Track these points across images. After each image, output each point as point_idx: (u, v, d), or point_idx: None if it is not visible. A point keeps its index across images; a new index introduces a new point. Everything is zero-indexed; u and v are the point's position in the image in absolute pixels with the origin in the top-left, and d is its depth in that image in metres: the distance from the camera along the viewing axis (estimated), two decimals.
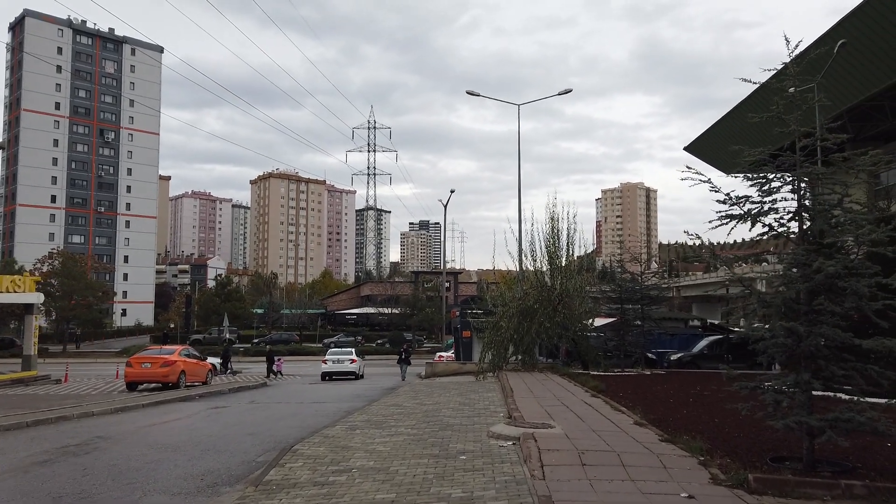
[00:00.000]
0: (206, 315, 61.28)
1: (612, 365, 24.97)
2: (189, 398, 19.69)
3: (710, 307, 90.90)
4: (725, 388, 18.50)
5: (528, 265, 26.20)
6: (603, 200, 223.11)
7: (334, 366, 29.81)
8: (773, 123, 7.94)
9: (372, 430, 10.57)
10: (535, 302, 24.59)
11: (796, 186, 7.53)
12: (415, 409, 13.72)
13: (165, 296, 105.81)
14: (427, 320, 62.37)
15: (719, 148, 39.58)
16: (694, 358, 29.96)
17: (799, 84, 7.70)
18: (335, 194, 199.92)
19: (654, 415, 11.87)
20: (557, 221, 25.58)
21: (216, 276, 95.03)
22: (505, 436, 9.39)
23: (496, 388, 18.53)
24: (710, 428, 10.51)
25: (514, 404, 12.92)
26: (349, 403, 17.70)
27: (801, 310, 7.37)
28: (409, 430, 10.60)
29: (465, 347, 33.65)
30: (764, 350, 7.48)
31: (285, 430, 12.29)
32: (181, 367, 23.15)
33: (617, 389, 17.04)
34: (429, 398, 16.56)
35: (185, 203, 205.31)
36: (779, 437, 9.60)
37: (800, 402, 7.19)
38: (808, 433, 7.26)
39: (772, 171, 7.49)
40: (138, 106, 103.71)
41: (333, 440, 9.65)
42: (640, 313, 26.34)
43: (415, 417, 12.25)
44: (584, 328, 25.57)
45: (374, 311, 72.30)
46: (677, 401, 14.59)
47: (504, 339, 24.27)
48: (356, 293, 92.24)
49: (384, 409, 14.39)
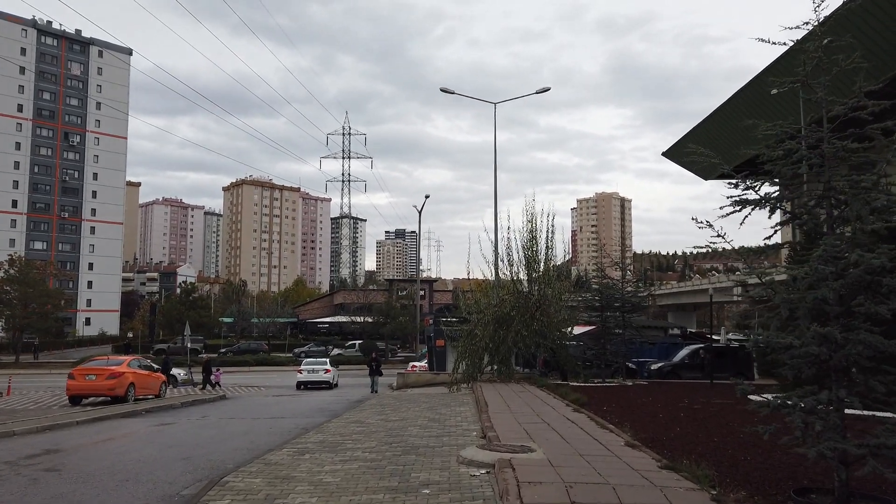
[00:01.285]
0: (170, 324, 58.88)
1: (593, 375, 23.78)
2: (134, 414, 17.96)
3: (686, 315, 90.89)
4: (716, 401, 17.37)
5: (505, 270, 24.91)
6: (578, 210, 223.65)
7: (309, 375, 30.49)
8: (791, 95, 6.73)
9: (324, 455, 9.10)
10: (512, 309, 23.31)
11: (823, 164, 6.30)
12: (378, 427, 12.26)
13: (132, 304, 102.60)
14: (401, 329, 60.84)
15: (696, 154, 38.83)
16: (675, 367, 28.95)
17: (824, 48, 6.47)
18: (310, 202, 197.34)
19: (645, 433, 10.58)
20: (535, 223, 24.38)
21: (181, 283, 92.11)
22: (477, 462, 8.00)
23: (470, 402, 17.15)
24: (711, 450, 9.23)
25: (489, 421, 11.54)
26: (309, 419, 16.16)
27: (831, 313, 6.12)
28: (366, 453, 9.15)
29: (438, 357, 32.30)
30: (789, 361, 6.20)
31: (228, 452, 10.74)
32: (130, 379, 21.37)
33: (600, 402, 15.77)
34: (395, 413, 15.10)
35: (156, 210, 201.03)
36: (792, 462, 8.34)
37: (834, 424, 5.92)
38: (843, 461, 6.00)
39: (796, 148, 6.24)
40: (105, 109, 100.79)
41: (275, 468, 8.16)
42: (622, 321, 25.22)
43: (376, 437, 10.80)
44: (562, 336, 24.35)
45: (347, 320, 70.49)
46: (667, 416, 13.34)
47: (479, 348, 22.95)
48: (329, 301, 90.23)
49: (344, 426, 12.91)
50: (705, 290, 77.43)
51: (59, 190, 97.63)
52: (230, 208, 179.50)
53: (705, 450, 9.16)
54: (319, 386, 30.50)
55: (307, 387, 30.15)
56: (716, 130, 33.04)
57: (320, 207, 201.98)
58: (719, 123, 32.42)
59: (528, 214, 24.64)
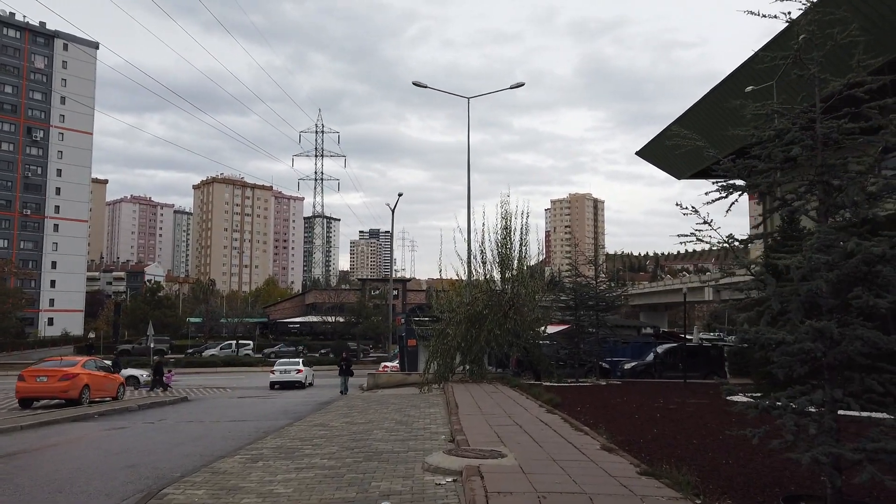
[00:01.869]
0: (134, 324, 57.20)
1: (566, 375, 23.36)
2: (85, 417, 17.03)
3: (657, 315, 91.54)
4: (691, 401, 17.02)
5: (478, 268, 24.36)
6: (552, 211, 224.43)
7: (281, 375, 31.03)
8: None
9: (278, 462, 8.42)
10: (485, 307, 22.78)
11: (815, 145, 5.83)
12: (341, 431, 11.61)
13: (97, 304, 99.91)
14: (373, 329, 59.98)
15: (670, 152, 38.80)
16: (648, 367, 28.73)
17: (817, 22, 6.01)
18: (282, 201, 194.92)
19: (621, 436, 10.09)
20: (509, 221, 23.88)
21: (147, 281, 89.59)
22: (444, 469, 7.40)
23: (440, 403, 16.57)
24: (690, 453, 8.76)
25: (459, 424, 10.96)
26: (271, 422, 15.43)
27: (824, 306, 5.66)
28: (325, 460, 8.49)
29: (410, 357, 31.65)
30: (778, 359, 5.72)
31: (177, 459, 10.00)
32: (84, 380, 20.35)
33: (574, 403, 15.30)
34: (362, 415, 14.45)
35: (124, 208, 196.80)
36: (776, 465, 7.91)
37: (828, 427, 5.45)
38: (836, 467, 5.53)
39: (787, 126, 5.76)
40: (70, 103, 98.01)
41: (223, 478, 7.48)
42: (595, 320, 24.85)
43: (338, 442, 10.15)
44: (536, 336, 23.89)
45: (318, 320, 69.36)
46: (643, 416, 12.89)
47: (451, 348, 22.37)
48: (300, 301, 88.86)
49: (306, 429, 12.23)
50: (677, 290, 78.01)
51: (22, 186, 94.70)
52: (200, 207, 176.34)
53: (685, 453, 8.69)
54: (292, 386, 30.88)
55: (280, 386, 30.54)
56: (690, 129, 32.88)
57: (293, 206, 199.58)
58: (693, 123, 32.29)
59: (502, 211, 24.16)
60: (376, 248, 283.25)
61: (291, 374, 31.21)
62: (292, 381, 31.04)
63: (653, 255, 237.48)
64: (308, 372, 32.82)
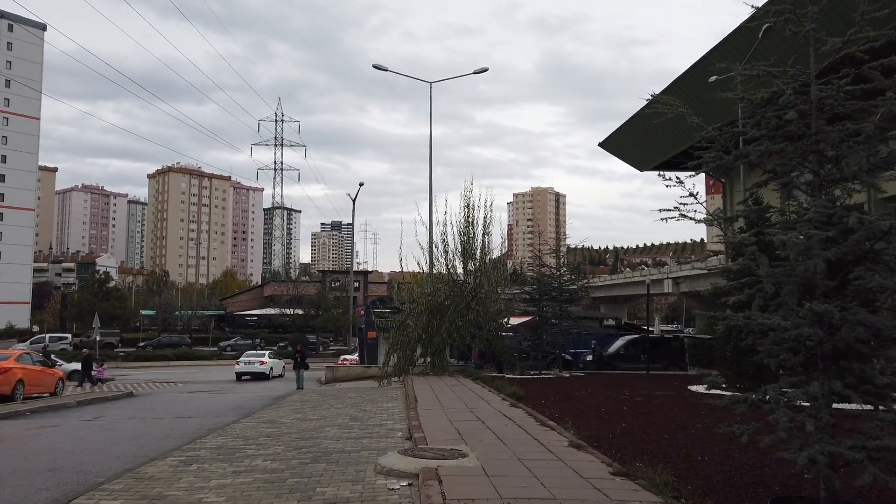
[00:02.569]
0: (81, 316, 54.80)
1: (529, 367, 22.90)
2: (16, 414, 15.77)
3: (618, 307, 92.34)
4: (657, 393, 16.63)
5: (440, 258, 23.67)
6: (514, 204, 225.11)
7: (245, 367, 32.66)
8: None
9: (215, 465, 7.58)
10: (447, 298, 22.12)
11: (809, 111, 5.27)
12: (291, 428, 10.79)
13: (45, 296, 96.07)
14: (333, 321, 58.87)
15: (633, 144, 38.69)
16: (610, 358, 28.55)
17: None
18: (241, 191, 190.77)
19: (589, 431, 9.52)
20: (472, 210, 23.23)
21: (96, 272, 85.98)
22: (398, 472, 6.68)
23: (399, 397, 15.85)
24: (663, 449, 8.22)
25: (417, 420, 10.25)
26: (218, 419, 14.49)
27: (819, 289, 5.11)
28: (268, 462, 7.69)
29: (369, 349, 30.97)
30: (768, 348, 5.14)
31: (107, 461, 9.05)
32: (18, 375, 19.01)
33: (538, 396, 14.75)
34: (316, 411, 13.64)
35: (75, 197, 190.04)
36: (754, 462, 7.41)
37: (826, 423, 4.90)
38: (832, 467, 4.99)
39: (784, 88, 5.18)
40: (16, 87, 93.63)
41: (147, 484, 6.62)
42: (559, 311, 24.43)
43: (285, 441, 9.34)
44: (499, 327, 23.34)
45: (277, 313, 67.84)
46: (610, 410, 12.38)
47: (411, 340, 21.66)
48: (259, 294, 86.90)
49: (254, 427, 11.38)
50: (637, 282, 78.78)
51: None
52: (156, 196, 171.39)
53: (657, 449, 8.15)
54: (257, 377, 32.36)
55: (251, 377, 32.23)
56: (651, 123, 32.69)
57: (252, 197, 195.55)
58: (654, 116, 32.06)
59: (465, 200, 23.49)
60: (338, 240, 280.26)
61: (255, 365, 32.79)
62: (257, 372, 32.64)
63: (612, 248, 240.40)
64: (276, 364, 34.36)
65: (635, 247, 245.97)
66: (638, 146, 37.93)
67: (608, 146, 40.98)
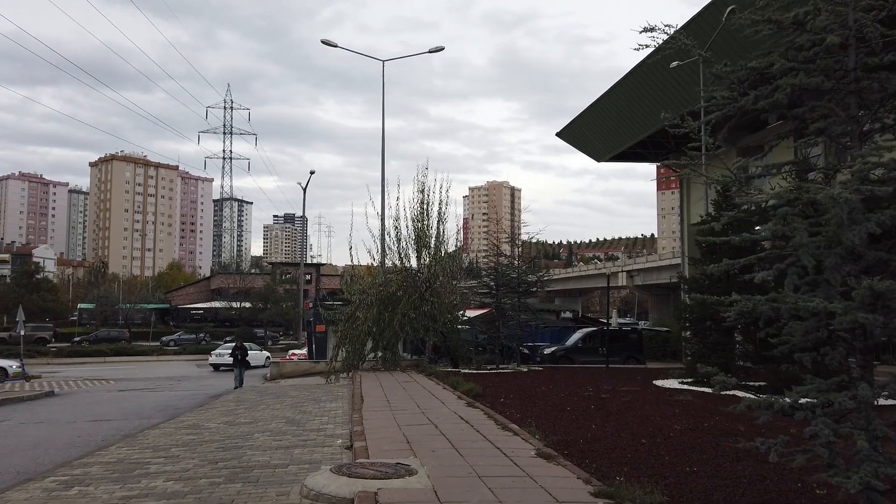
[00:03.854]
0: (8, 308, 51.34)
1: (486, 361, 21.76)
2: None
3: (572, 301, 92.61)
4: (623, 388, 15.65)
5: (392, 245, 22.32)
6: (470, 198, 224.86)
7: (217, 358, 34.86)
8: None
9: (101, 488, 6.11)
10: (399, 289, 20.81)
11: (847, 40, 4.16)
12: (214, 435, 9.33)
13: None
14: (282, 314, 56.79)
15: (590, 135, 38.00)
16: (568, 352, 27.77)
17: None
18: (189, 182, 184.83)
19: (556, 435, 8.37)
20: (427, 195, 21.93)
21: (27, 262, 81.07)
22: (328, 496, 5.35)
23: (346, 395, 14.50)
24: (643, 457, 7.11)
25: (361, 425, 8.92)
26: (140, 421, 12.90)
27: (865, 261, 4.01)
28: (171, 482, 6.26)
29: (318, 344, 29.44)
30: (798, 339, 4.02)
31: None
32: None
33: (496, 393, 13.58)
34: (249, 413, 12.18)
35: (11, 185, 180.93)
36: (752, 474, 6.33)
37: (880, 436, 3.80)
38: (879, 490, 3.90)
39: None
40: None
41: None
42: (518, 304, 23.37)
43: (202, 452, 7.90)
44: (454, 320, 22.13)
45: (224, 306, 65.22)
46: (576, 409, 11.28)
47: (361, 333, 20.27)
48: (206, 286, 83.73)
49: (172, 433, 9.87)
50: (592, 275, 79.02)
51: None
52: (98, 186, 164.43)
53: (637, 458, 7.03)
54: (230, 367, 32.80)
55: (220, 368, 33.77)
56: (615, 108, 31.95)
57: (201, 188, 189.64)
58: (618, 100, 31.33)
59: (419, 185, 22.18)
60: (291, 233, 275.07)
61: (225, 357, 33.83)
62: (228, 364, 33.31)
63: (566, 243, 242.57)
64: (258, 355, 35.42)
65: (588, 241, 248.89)
66: (596, 136, 37.24)
67: (565, 136, 40.18)
